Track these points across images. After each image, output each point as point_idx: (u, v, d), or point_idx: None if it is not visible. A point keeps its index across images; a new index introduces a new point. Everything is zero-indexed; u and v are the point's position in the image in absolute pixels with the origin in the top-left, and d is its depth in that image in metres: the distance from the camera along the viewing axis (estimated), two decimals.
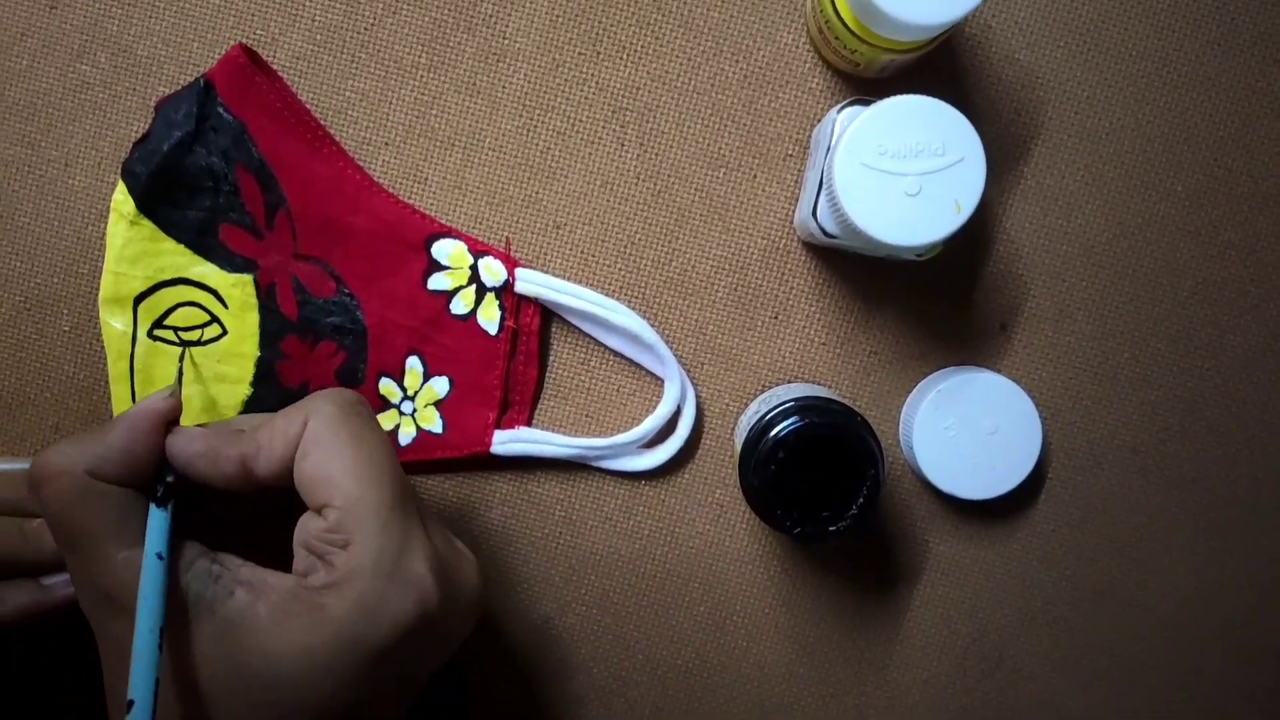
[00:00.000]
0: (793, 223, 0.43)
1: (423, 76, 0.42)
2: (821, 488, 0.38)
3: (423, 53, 0.42)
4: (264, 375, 0.42)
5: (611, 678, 0.46)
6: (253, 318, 0.42)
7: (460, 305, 0.43)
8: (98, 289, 0.41)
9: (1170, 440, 0.45)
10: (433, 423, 0.43)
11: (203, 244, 0.41)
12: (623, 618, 0.45)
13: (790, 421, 0.38)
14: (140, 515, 0.33)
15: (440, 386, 0.43)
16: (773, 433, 0.38)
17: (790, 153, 0.43)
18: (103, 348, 0.42)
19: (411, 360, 0.43)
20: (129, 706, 0.29)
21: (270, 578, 0.33)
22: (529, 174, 0.43)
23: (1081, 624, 0.45)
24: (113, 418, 0.35)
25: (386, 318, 0.42)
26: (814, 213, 0.38)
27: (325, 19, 0.42)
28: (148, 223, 0.40)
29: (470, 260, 0.42)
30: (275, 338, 0.42)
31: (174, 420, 0.35)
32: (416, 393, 0.43)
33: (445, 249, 0.42)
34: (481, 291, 0.43)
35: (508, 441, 0.43)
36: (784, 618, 0.45)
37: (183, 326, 0.41)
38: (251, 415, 0.39)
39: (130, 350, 0.42)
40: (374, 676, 0.31)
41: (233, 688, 0.31)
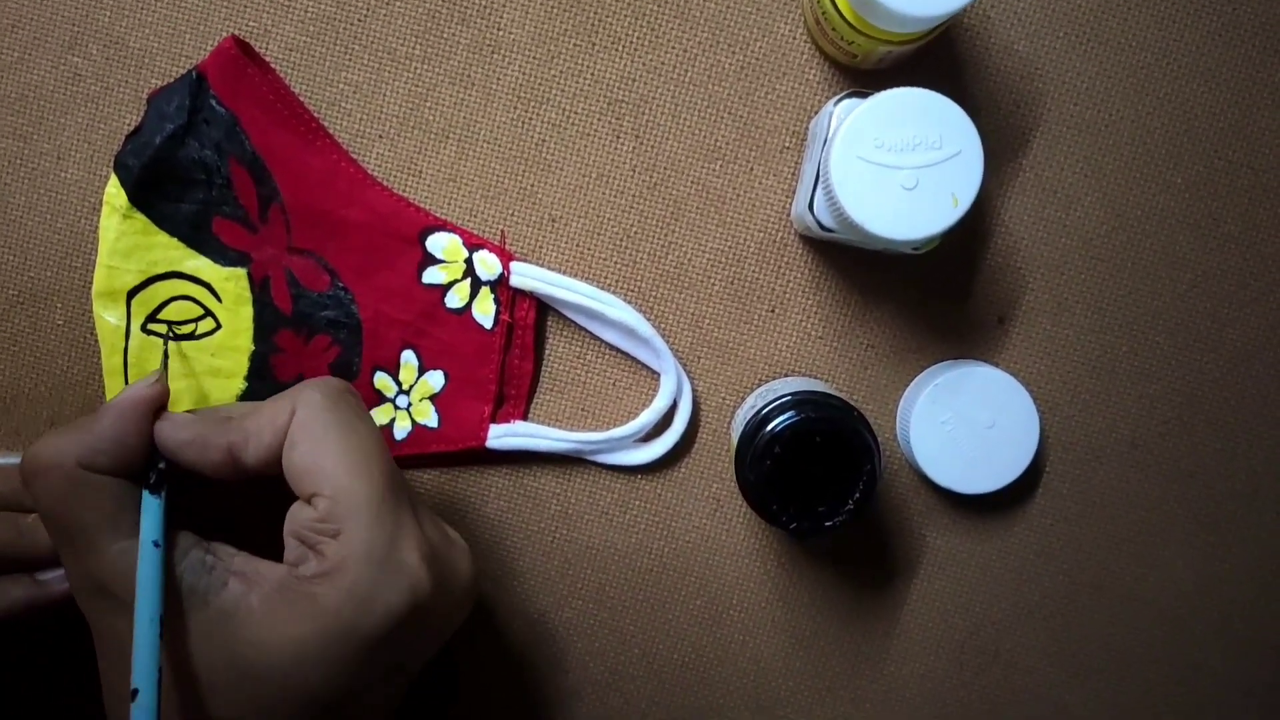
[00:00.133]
0: (789, 216, 0.43)
1: (417, 68, 0.42)
2: (818, 482, 0.38)
3: (417, 44, 0.42)
4: (258, 369, 0.42)
5: (607, 672, 0.45)
6: (247, 311, 0.42)
7: (455, 299, 0.42)
8: (91, 283, 0.41)
9: (1169, 434, 0.44)
10: (428, 417, 0.43)
11: (196, 237, 0.41)
12: (619, 612, 0.45)
13: (786, 416, 0.37)
14: (132, 506, 0.33)
15: (435, 380, 0.43)
16: (769, 427, 0.37)
17: (787, 145, 0.42)
18: (96, 341, 0.42)
19: (406, 354, 0.43)
20: (133, 695, 0.29)
21: (262, 568, 0.33)
22: (524, 167, 0.43)
23: (1079, 618, 0.45)
24: (96, 411, 0.34)
25: (381, 311, 0.42)
26: (811, 206, 0.38)
27: (318, 10, 0.42)
28: (140, 216, 0.40)
29: (465, 254, 0.42)
30: (269, 331, 0.42)
31: (161, 407, 0.35)
32: (411, 387, 0.43)
33: (440, 242, 0.42)
34: (476, 285, 0.42)
35: (503, 436, 0.43)
36: (780, 612, 0.45)
37: (176, 320, 0.41)
38: (241, 403, 0.39)
39: (124, 344, 0.41)
40: (366, 665, 0.31)
41: (227, 677, 0.31)
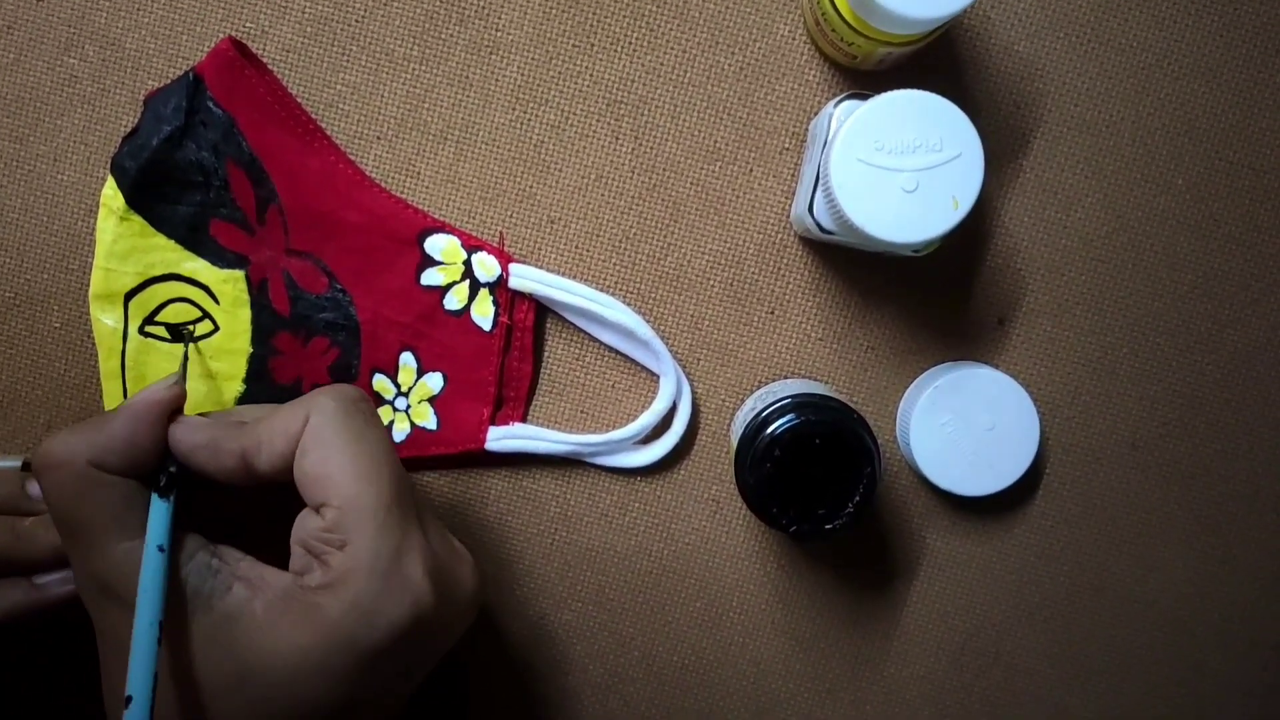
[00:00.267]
0: (789, 217, 0.43)
1: (415, 69, 0.42)
2: (818, 485, 0.37)
3: (414, 45, 0.42)
4: (257, 371, 0.42)
5: (607, 674, 0.45)
6: (245, 314, 0.42)
7: (454, 301, 0.42)
8: (88, 285, 0.41)
9: (1169, 435, 0.44)
10: (427, 419, 0.43)
11: (193, 239, 0.41)
12: (619, 614, 0.45)
13: (786, 418, 0.37)
14: (141, 506, 0.33)
15: (434, 383, 0.43)
16: (769, 430, 0.37)
17: (787, 146, 0.42)
18: (94, 344, 0.42)
19: (405, 356, 0.43)
20: (127, 702, 0.29)
21: (268, 574, 0.32)
22: (522, 168, 0.43)
23: (1079, 620, 0.45)
24: (110, 410, 0.34)
25: (380, 313, 0.42)
26: (810, 208, 0.37)
27: (315, 11, 0.42)
28: (138, 218, 0.40)
29: (464, 255, 0.42)
30: (268, 334, 0.42)
31: (177, 410, 0.34)
32: (410, 389, 0.43)
33: (438, 244, 0.42)
34: (475, 287, 0.42)
35: (503, 438, 0.43)
36: (780, 614, 0.45)
37: (174, 323, 0.41)
38: (254, 406, 0.39)
39: (121, 347, 0.41)
40: (368, 677, 0.31)
41: (228, 683, 0.31)
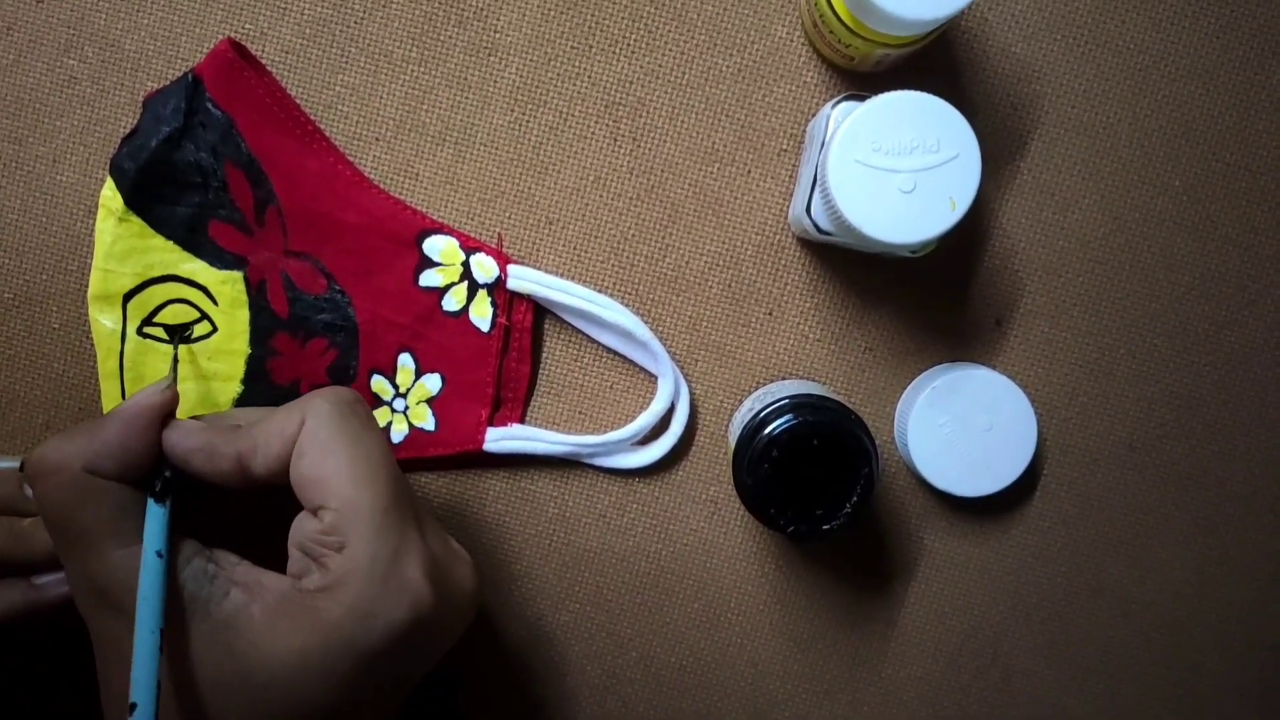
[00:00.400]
0: (787, 218, 0.43)
1: (413, 71, 0.42)
2: (816, 485, 0.38)
3: (413, 47, 0.42)
4: (255, 372, 0.42)
5: (605, 675, 0.45)
6: (243, 315, 0.42)
7: (452, 302, 0.42)
8: (87, 286, 0.41)
9: (1167, 436, 0.44)
10: (425, 420, 0.43)
11: (192, 240, 0.41)
12: (616, 615, 0.45)
13: (784, 419, 0.37)
14: (137, 511, 0.33)
15: (432, 384, 0.43)
16: (766, 430, 0.37)
17: (784, 148, 0.42)
18: (92, 345, 0.42)
19: (403, 357, 0.43)
20: (131, 709, 0.29)
21: (265, 578, 0.32)
22: (521, 169, 0.43)
23: (1077, 620, 0.45)
24: (104, 414, 0.34)
25: (378, 314, 0.42)
26: (808, 209, 0.37)
27: (314, 13, 0.42)
28: (136, 219, 0.40)
29: (462, 256, 0.42)
30: (266, 335, 0.42)
31: (170, 414, 0.34)
32: (409, 390, 0.43)
33: (437, 245, 0.42)
34: (473, 288, 0.42)
35: (501, 439, 0.43)
36: (778, 615, 0.45)
37: (172, 324, 0.41)
38: (249, 409, 0.39)
39: (120, 347, 0.41)
40: (366, 679, 0.31)
41: (227, 688, 0.31)
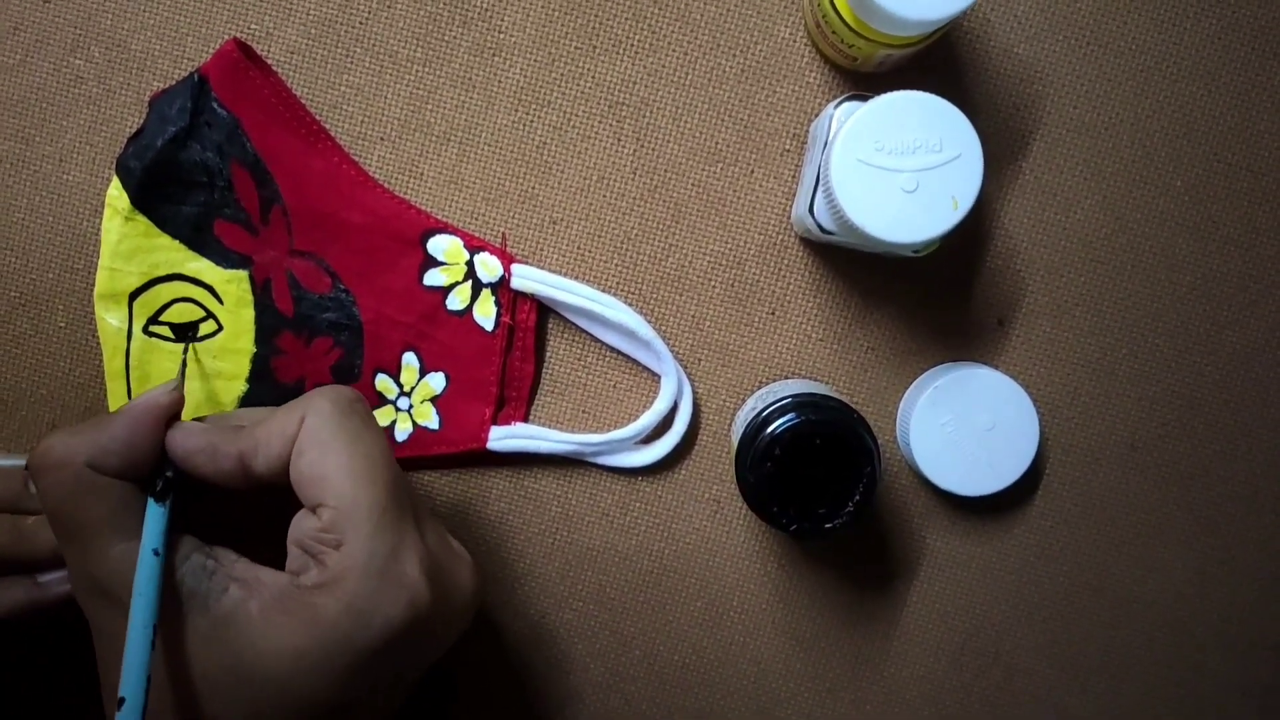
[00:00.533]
0: (790, 218, 0.43)
1: (418, 71, 0.42)
2: (818, 484, 0.38)
3: (418, 47, 0.42)
4: (260, 371, 0.42)
5: (608, 674, 0.46)
6: (248, 314, 0.42)
7: (456, 301, 0.42)
8: (93, 285, 0.41)
9: (1168, 436, 0.44)
10: (429, 419, 0.43)
11: (198, 239, 0.41)
12: (619, 613, 0.45)
13: (787, 418, 0.37)
14: (138, 509, 0.33)
15: (436, 382, 0.43)
16: (769, 429, 0.38)
17: (787, 148, 0.43)
18: (98, 344, 0.42)
19: (408, 356, 0.43)
20: (120, 703, 0.29)
21: (263, 575, 0.33)
22: (525, 169, 0.43)
23: (1079, 620, 0.45)
24: (110, 412, 0.34)
25: (382, 314, 0.42)
26: (811, 209, 0.38)
27: (320, 13, 0.42)
28: (142, 218, 0.40)
29: (466, 256, 0.42)
30: (271, 334, 0.42)
31: (175, 415, 0.35)
32: (413, 389, 0.43)
33: (441, 244, 0.42)
34: (477, 287, 0.42)
35: (504, 437, 0.43)
36: (781, 613, 0.45)
37: (178, 323, 0.41)
38: (252, 410, 0.39)
39: (126, 346, 0.41)
40: (364, 677, 0.31)
41: (224, 684, 0.31)
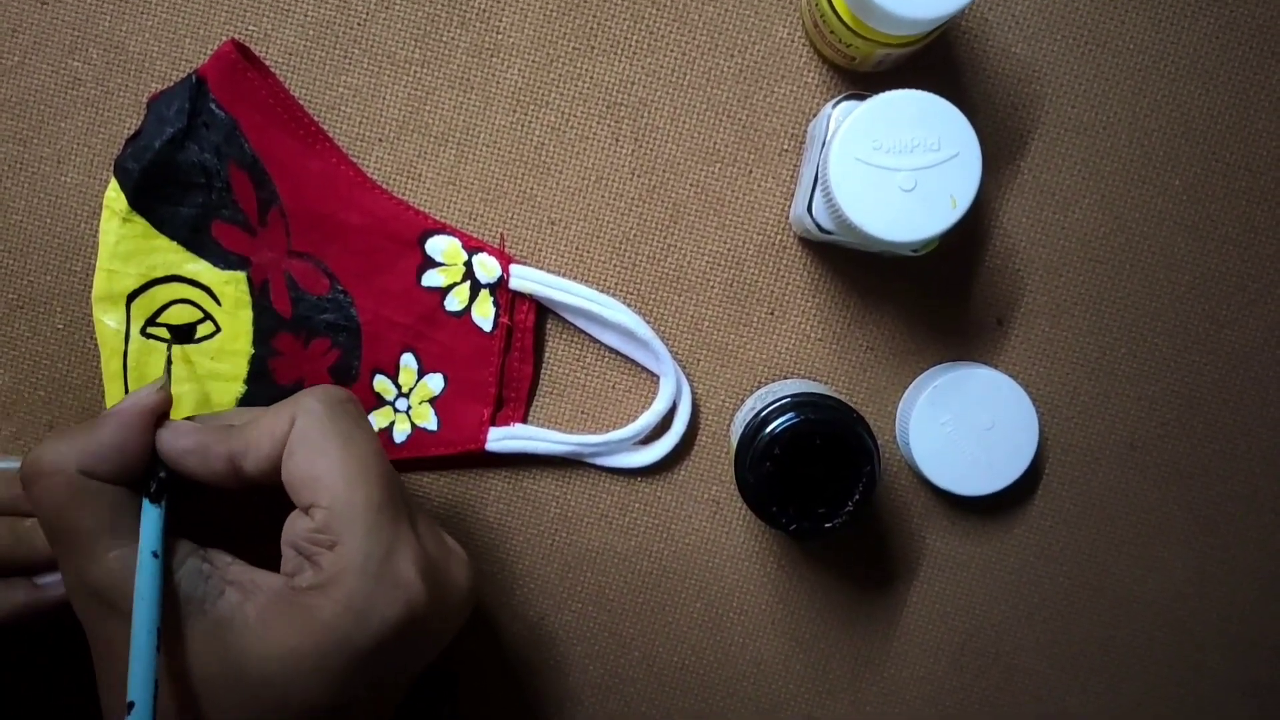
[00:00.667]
0: (788, 218, 0.43)
1: (416, 72, 0.42)
2: (817, 484, 0.38)
3: (416, 48, 0.42)
4: (258, 372, 0.42)
5: (607, 675, 0.45)
6: (246, 315, 0.42)
7: (454, 302, 0.42)
8: (91, 286, 0.41)
9: (1168, 435, 0.44)
10: (428, 420, 0.43)
11: (195, 241, 0.41)
12: (619, 615, 0.45)
13: (786, 418, 0.37)
14: (132, 512, 0.33)
15: (435, 383, 0.43)
16: (768, 429, 0.38)
17: (786, 148, 0.43)
18: (96, 345, 0.42)
19: (406, 357, 0.43)
20: (129, 707, 0.29)
21: (259, 577, 0.33)
22: (523, 170, 0.43)
23: (1079, 619, 0.45)
24: (99, 415, 0.34)
25: (380, 314, 0.42)
26: (809, 208, 0.38)
27: (317, 14, 0.42)
28: (140, 220, 0.40)
29: (464, 256, 0.42)
30: (269, 335, 0.42)
31: (164, 415, 0.34)
32: (411, 390, 0.43)
33: (439, 245, 0.42)
34: (476, 288, 0.42)
35: (503, 438, 0.43)
36: (781, 614, 0.45)
37: (176, 324, 0.41)
38: (243, 410, 0.39)
39: (124, 348, 0.41)
40: (361, 677, 0.31)
41: (223, 686, 0.31)
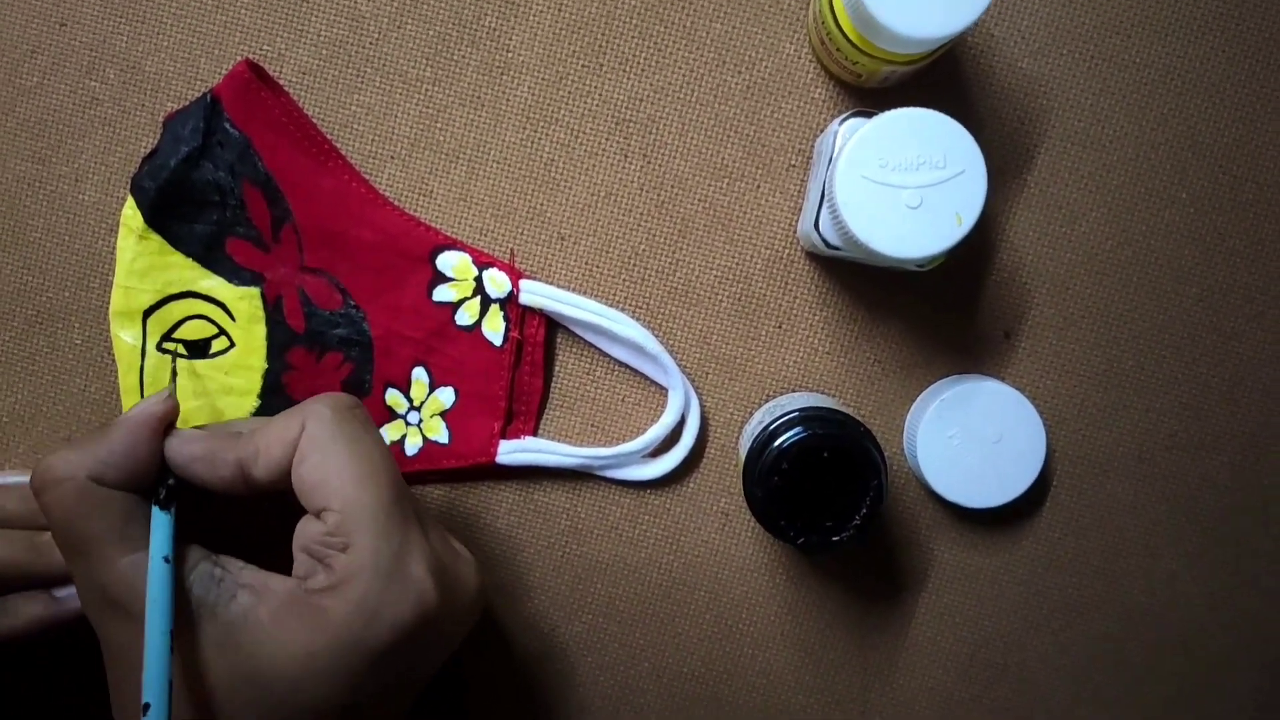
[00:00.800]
0: (796, 233, 0.43)
1: (427, 90, 0.43)
2: (825, 497, 0.38)
3: (427, 66, 0.43)
4: (271, 387, 0.42)
5: (618, 686, 0.46)
6: (260, 330, 0.42)
7: (465, 317, 0.43)
8: (108, 302, 0.42)
9: (1176, 447, 0.44)
10: (439, 433, 0.44)
11: (210, 257, 0.41)
12: (629, 626, 0.45)
13: (794, 432, 0.38)
14: (142, 519, 0.33)
15: (446, 397, 0.43)
16: (777, 443, 0.38)
17: (793, 163, 0.43)
18: (113, 361, 0.43)
19: (417, 371, 0.43)
20: (145, 709, 0.30)
21: (271, 581, 0.33)
22: (533, 186, 0.43)
23: (1088, 631, 0.45)
24: (107, 424, 0.35)
25: (392, 329, 0.43)
26: (816, 224, 0.38)
27: (330, 34, 0.42)
28: (156, 237, 0.41)
29: (475, 272, 0.43)
30: (282, 350, 0.42)
31: (172, 423, 0.35)
32: (422, 403, 0.43)
33: (450, 261, 0.43)
34: (486, 303, 0.43)
35: (513, 451, 0.43)
36: (790, 625, 0.45)
37: (191, 340, 0.42)
38: (251, 419, 0.40)
39: (140, 363, 0.42)
40: (374, 677, 0.32)
41: (236, 689, 0.32)
